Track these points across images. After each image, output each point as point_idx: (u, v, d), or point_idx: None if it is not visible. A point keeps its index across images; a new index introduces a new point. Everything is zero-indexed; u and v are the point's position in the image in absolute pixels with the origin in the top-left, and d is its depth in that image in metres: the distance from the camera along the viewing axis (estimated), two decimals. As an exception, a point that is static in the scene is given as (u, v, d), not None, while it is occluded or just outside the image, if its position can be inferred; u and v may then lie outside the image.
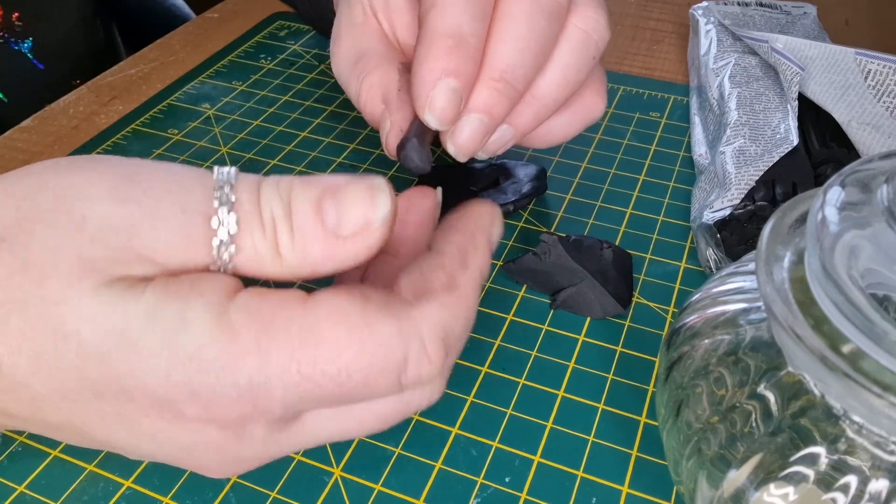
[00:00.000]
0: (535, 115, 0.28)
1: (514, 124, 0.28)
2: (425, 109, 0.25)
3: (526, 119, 0.28)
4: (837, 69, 0.36)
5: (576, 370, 0.29)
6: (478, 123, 0.26)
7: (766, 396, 0.20)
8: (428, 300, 0.19)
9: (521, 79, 0.26)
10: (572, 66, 0.27)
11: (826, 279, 0.17)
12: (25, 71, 0.49)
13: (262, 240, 0.20)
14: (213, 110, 0.44)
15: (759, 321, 0.21)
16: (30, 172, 0.21)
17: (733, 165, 0.34)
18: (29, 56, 0.49)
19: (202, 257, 0.19)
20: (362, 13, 0.30)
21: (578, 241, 0.32)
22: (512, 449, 0.27)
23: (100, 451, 0.26)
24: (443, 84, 0.24)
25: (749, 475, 0.19)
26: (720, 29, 0.44)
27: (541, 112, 0.28)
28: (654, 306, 0.32)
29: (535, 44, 0.26)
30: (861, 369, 0.16)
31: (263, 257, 0.20)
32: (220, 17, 0.54)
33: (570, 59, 0.27)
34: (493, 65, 0.25)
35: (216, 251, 0.19)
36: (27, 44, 0.49)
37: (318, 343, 0.18)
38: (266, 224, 0.20)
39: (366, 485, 0.25)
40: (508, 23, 0.25)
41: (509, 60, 0.25)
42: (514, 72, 0.25)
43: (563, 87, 0.27)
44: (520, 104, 0.27)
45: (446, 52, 0.24)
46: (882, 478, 0.18)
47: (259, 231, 0.20)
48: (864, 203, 0.18)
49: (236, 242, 0.19)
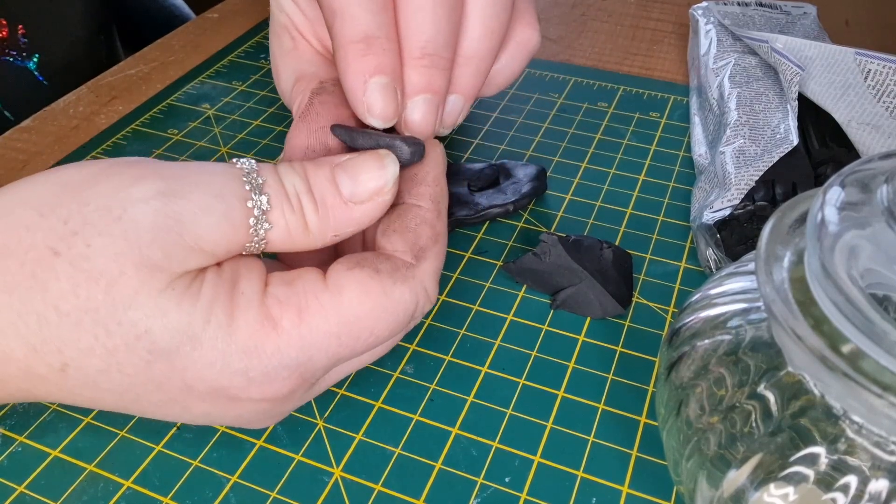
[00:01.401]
0: (475, 74, 0.27)
1: (460, 91, 0.27)
2: (366, 115, 0.25)
3: (467, 81, 0.27)
4: (837, 69, 0.36)
5: (576, 370, 0.29)
6: (423, 104, 0.25)
7: (765, 396, 0.20)
8: (425, 257, 0.23)
9: (443, 47, 0.25)
10: (490, 14, 0.27)
11: (826, 279, 0.17)
12: (30, 88, 0.49)
13: (292, 214, 0.22)
14: (213, 110, 0.44)
15: (758, 321, 0.21)
16: (56, 185, 0.21)
17: (733, 165, 0.34)
18: (35, 73, 0.49)
19: (241, 237, 0.22)
20: (290, 39, 0.31)
21: (578, 241, 0.32)
22: (512, 449, 0.27)
23: (99, 451, 0.26)
24: (372, 84, 0.24)
25: (749, 475, 0.19)
26: (720, 29, 0.44)
27: (479, 69, 0.27)
28: (654, 306, 0.32)
29: (443, 9, 0.25)
30: (861, 369, 0.16)
31: (293, 230, 0.23)
32: (220, 17, 0.54)
33: (486, 8, 0.26)
34: (411, 44, 0.25)
35: (253, 229, 0.22)
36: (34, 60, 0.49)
37: (350, 318, 0.22)
38: (292, 199, 0.22)
39: (366, 485, 0.25)
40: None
41: (424, 34, 0.25)
42: (434, 43, 0.25)
43: (488, 37, 0.27)
44: (455, 69, 0.27)
45: (362, 55, 0.24)
46: (882, 478, 0.18)
47: (288, 206, 0.22)
48: (864, 203, 0.18)
49: (269, 219, 0.22)
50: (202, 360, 0.21)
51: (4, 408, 0.28)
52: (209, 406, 0.22)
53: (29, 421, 0.27)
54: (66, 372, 0.21)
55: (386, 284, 0.22)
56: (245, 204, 0.22)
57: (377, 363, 0.29)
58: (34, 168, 0.40)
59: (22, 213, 0.21)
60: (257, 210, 0.22)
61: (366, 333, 0.22)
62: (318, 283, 0.22)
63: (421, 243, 0.24)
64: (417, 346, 0.30)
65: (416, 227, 0.24)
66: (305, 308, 0.22)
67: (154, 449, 0.26)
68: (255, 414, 0.23)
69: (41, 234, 0.21)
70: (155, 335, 0.20)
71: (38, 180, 0.22)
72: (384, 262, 0.23)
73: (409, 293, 0.23)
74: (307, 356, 0.22)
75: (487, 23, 0.27)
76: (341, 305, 0.22)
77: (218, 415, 0.23)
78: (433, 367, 0.29)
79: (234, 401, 0.22)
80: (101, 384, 0.21)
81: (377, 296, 0.22)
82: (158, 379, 0.21)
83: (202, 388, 0.21)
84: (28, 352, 0.21)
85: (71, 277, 0.20)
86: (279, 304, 0.22)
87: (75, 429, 0.27)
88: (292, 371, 0.22)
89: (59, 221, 0.21)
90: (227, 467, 0.26)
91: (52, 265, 0.20)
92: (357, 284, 0.22)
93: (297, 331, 0.21)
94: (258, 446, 0.27)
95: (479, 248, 0.35)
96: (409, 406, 0.28)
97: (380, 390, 0.28)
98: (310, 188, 0.23)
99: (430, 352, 0.30)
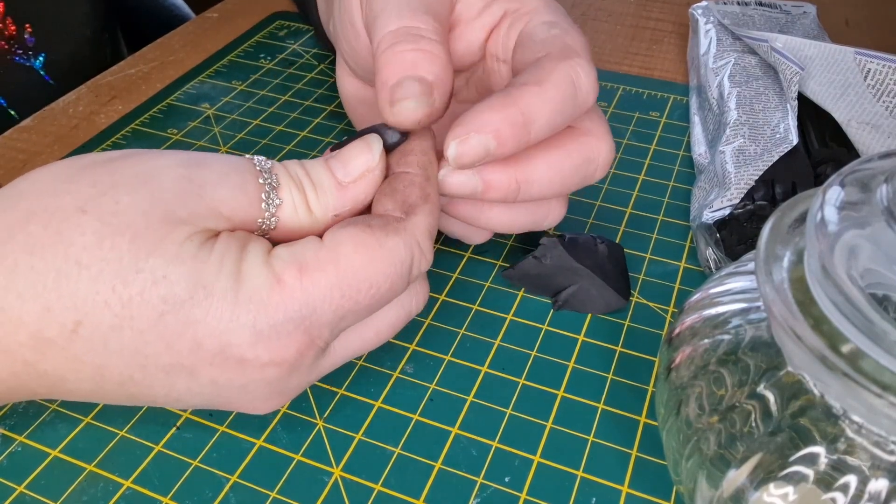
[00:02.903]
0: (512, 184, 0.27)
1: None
2: (457, 139, 0.24)
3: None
4: (837, 69, 0.36)
5: (575, 370, 0.29)
6: (483, 141, 0.25)
7: (765, 396, 0.20)
8: (415, 213, 0.24)
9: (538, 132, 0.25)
10: (567, 177, 0.27)
11: (825, 279, 0.17)
12: (36, 87, 0.49)
13: (298, 193, 0.24)
14: (213, 110, 0.44)
15: (758, 321, 0.21)
16: (79, 163, 0.23)
17: (733, 165, 0.34)
18: (41, 72, 0.49)
19: (255, 209, 0.24)
20: None
21: (574, 240, 0.32)
22: (512, 449, 0.27)
23: (99, 451, 0.26)
24: (485, 138, 0.24)
25: (749, 475, 0.19)
26: (720, 28, 0.44)
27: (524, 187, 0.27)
28: (654, 306, 0.32)
29: (559, 118, 0.26)
30: (860, 369, 0.16)
31: (299, 209, 0.24)
32: (219, 16, 0.54)
33: (568, 170, 0.27)
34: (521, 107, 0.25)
35: (265, 202, 0.24)
36: (40, 59, 0.49)
37: (349, 270, 0.23)
38: (296, 182, 0.24)
39: (366, 485, 0.25)
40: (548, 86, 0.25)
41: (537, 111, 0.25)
42: (535, 124, 0.25)
43: (548, 187, 0.27)
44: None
45: (511, 124, 0.24)
46: (882, 477, 0.18)
47: (294, 187, 0.24)
48: (864, 203, 0.18)
49: (279, 194, 0.24)
50: (213, 310, 0.22)
51: (4, 407, 0.28)
52: (217, 371, 0.22)
53: (29, 421, 0.27)
54: (77, 332, 0.21)
55: (378, 236, 0.23)
56: (257, 180, 0.24)
57: (377, 363, 0.29)
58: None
59: (49, 185, 0.22)
60: (268, 185, 0.24)
61: (366, 285, 0.23)
62: (315, 242, 0.23)
63: (410, 201, 0.25)
64: (417, 346, 0.30)
65: (403, 188, 0.25)
66: (305, 265, 0.23)
67: (154, 449, 0.26)
68: (261, 386, 0.23)
69: (69, 197, 0.22)
70: (172, 281, 0.21)
71: (62, 162, 0.24)
72: (375, 219, 0.24)
73: (402, 244, 0.23)
74: (311, 309, 0.22)
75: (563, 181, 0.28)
76: (339, 259, 0.23)
77: (224, 383, 0.23)
78: (433, 366, 0.29)
79: (241, 364, 0.22)
80: (110, 344, 0.22)
81: (372, 247, 0.23)
82: (169, 335, 0.22)
83: (211, 345, 0.22)
84: (41, 313, 0.21)
85: (97, 231, 0.21)
86: (282, 262, 0.23)
87: (75, 429, 0.27)
88: (297, 324, 0.22)
89: (87, 185, 0.22)
90: (226, 467, 0.26)
91: (80, 222, 0.21)
92: (351, 238, 0.23)
93: (300, 284, 0.22)
94: (258, 446, 0.27)
95: (478, 248, 0.35)
96: (409, 406, 0.28)
97: (380, 390, 0.28)
98: (308, 175, 0.25)
99: (429, 351, 0.30)
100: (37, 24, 0.48)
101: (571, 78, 0.25)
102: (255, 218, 0.24)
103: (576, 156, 0.27)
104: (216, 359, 0.22)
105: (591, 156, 0.27)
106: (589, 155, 0.27)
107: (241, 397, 0.24)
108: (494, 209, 0.29)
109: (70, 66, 0.51)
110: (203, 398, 0.24)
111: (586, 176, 0.28)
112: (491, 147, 0.24)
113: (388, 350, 0.30)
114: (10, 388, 0.23)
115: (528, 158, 0.26)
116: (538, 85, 0.25)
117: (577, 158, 0.27)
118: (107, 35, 0.57)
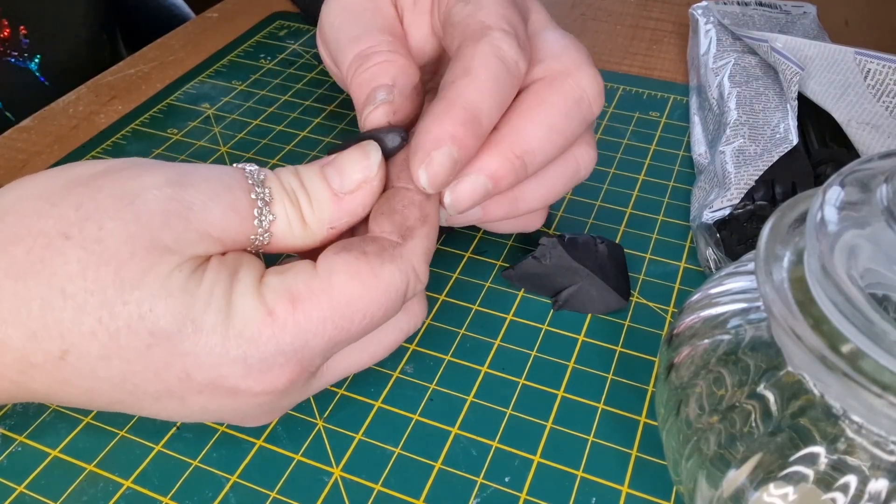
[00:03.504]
0: (509, 210, 0.28)
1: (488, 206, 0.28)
2: (421, 166, 0.24)
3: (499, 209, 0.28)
4: (837, 69, 0.36)
5: (575, 370, 0.29)
6: (481, 185, 0.25)
7: (765, 396, 0.20)
8: (413, 237, 0.24)
9: (535, 165, 0.26)
10: (559, 185, 0.28)
11: (825, 279, 0.17)
12: (32, 89, 0.49)
13: (291, 207, 0.24)
14: (213, 110, 0.44)
15: (758, 321, 0.21)
16: (65, 178, 0.22)
17: (733, 165, 0.34)
18: (37, 74, 0.49)
19: (247, 227, 0.23)
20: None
21: (574, 240, 0.32)
22: (512, 449, 0.27)
23: (99, 451, 0.26)
24: (446, 149, 0.24)
25: (749, 475, 0.19)
26: (720, 28, 0.44)
27: (515, 208, 0.28)
28: (654, 306, 0.32)
29: (560, 140, 0.26)
30: (860, 369, 0.16)
31: (293, 223, 0.24)
32: (219, 17, 0.54)
33: (561, 182, 0.28)
34: (517, 142, 0.25)
35: (258, 220, 0.23)
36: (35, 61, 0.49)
37: (342, 300, 0.22)
38: (290, 195, 0.24)
39: (366, 485, 0.25)
40: (544, 109, 0.26)
41: (535, 145, 0.25)
42: (533, 156, 0.26)
43: (551, 149, 0.27)
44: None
45: (461, 123, 0.24)
46: (882, 478, 0.18)
47: (287, 200, 0.24)
48: (864, 203, 0.18)
49: (272, 210, 0.23)
50: (202, 344, 0.21)
51: (4, 408, 0.28)
52: (206, 399, 0.22)
53: (29, 421, 0.27)
54: (65, 360, 0.21)
55: (374, 265, 0.23)
56: (249, 195, 0.23)
57: (377, 363, 0.29)
58: (34, 168, 0.40)
59: (32, 204, 0.22)
60: (260, 201, 0.23)
61: (359, 316, 0.22)
62: (308, 270, 0.23)
63: (408, 223, 0.24)
64: (417, 346, 0.30)
65: (402, 208, 0.24)
66: (297, 295, 0.22)
67: (154, 449, 0.26)
68: (252, 409, 0.23)
69: (52, 221, 0.21)
70: (158, 315, 0.21)
71: (47, 174, 0.23)
72: (371, 245, 0.23)
73: (398, 272, 0.23)
74: (303, 341, 0.22)
75: (554, 191, 0.28)
76: (332, 289, 0.22)
77: (215, 409, 0.23)
78: (433, 366, 0.29)
79: (231, 393, 0.22)
80: (99, 372, 0.21)
81: (366, 277, 0.22)
82: (157, 365, 0.21)
83: (200, 377, 0.21)
84: (27, 339, 0.21)
85: (81, 259, 0.21)
86: (273, 293, 0.22)
87: (75, 429, 0.27)
88: (289, 357, 0.22)
89: (70, 208, 0.21)
90: (226, 467, 0.26)
91: (63, 249, 0.21)
92: (345, 267, 0.22)
93: (292, 317, 0.22)
94: (258, 446, 0.27)
95: (478, 248, 0.35)
96: (409, 406, 0.28)
97: (380, 390, 0.28)
98: (303, 185, 0.24)
99: (430, 352, 0.30)
100: (32, 26, 0.48)
101: (495, 54, 0.24)
102: (248, 235, 0.23)
103: (559, 101, 0.26)
104: (206, 389, 0.22)
105: (575, 92, 0.27)
106: (571, 92, 0.27)
107: (232, 417, 0.24)
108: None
109: (67, 68, 0.51)
110: (194, 418, 0.24)
111: (582, 117, 0.27)
112: (455, 153, 0.24)
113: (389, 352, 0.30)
114: (1, 398, 0.23)
115: (516, 129, 0.26)
116: (467, 75, 0.24)
117: (562, 103, 0.27)
118: (105, 37, 0.57)
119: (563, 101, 0.26)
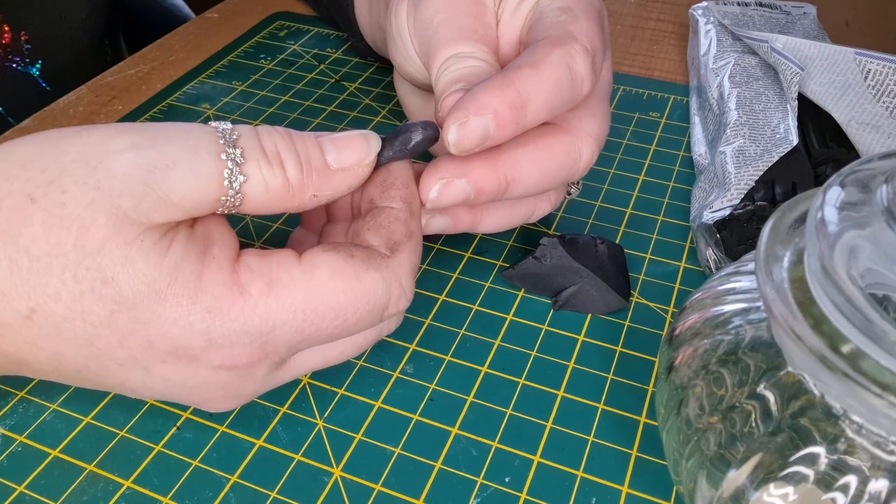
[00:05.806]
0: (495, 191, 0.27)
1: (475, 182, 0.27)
2: (456, 123, 0.24)
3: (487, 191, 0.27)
4: (837, 69, 0.36)
5: (575, 370, 0.29)
6: (465, 192, 0.26)
7: (765, 396, 0.20)
8: (400, 251, 0.24)
9: (514, 195, 0.27)
10: (552, 175, 0.28)
11: (826, 279, 0.17)
12: (33, 94, 0.49)
13: (269, 168, 0.23)
14: (213, 110, 0.44)
15: (758, 321, 0.21)
16: (39, 141, 0.22)
17: (733, 165, 0.34)
18: (38, 79, 0.49)
19: (214, 191, 0.22)
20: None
21: (574, 240, 0.32)
22: (512, 449, 0.27)
23: (99, 451, 0.26)
24: (484, 120, 0.24)
25: (749, 475, 0.19)
26: (720, 29, 0.44)
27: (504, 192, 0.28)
28: (654, 306, 0.32)
29: (543, 183, 0.27)
30: (860, 369, 0.16)
31: (271, 185, 0.23)
32: (220, 17, 0.54)
33: (552, 169, 0.28)
34: (512, 170, 0.26)
35: (227, 181, 0.22)
36: (37, 66, 0.49)
37: (318, 296, 0.22)
38: (271, 157, 0.23)
39: (366, 485, 0.25)
40: (545, 154, 0.27)
41: (524, 179, 0.26)
42: (517, 186, 0.26)
43: (533, 186, 0.27)
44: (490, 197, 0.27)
45: (509, 105, 0.24)
46: (882, 478, 0.18)
47: (264, 160, 0.23)
48: (864, 203, 0.18)
49: (244, 171, 0.22)
50: (165, 315, 0.21)
51: (4, 408, 0.28)
52: (169, 369, 0.22)
53: (29, 421, 0.27)
54: (31, 319, 0.21)
55: (359, 269, 0.23)
56: (218, 157, 0.22)
57: (377, 363, 0.29)
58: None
59: (6, 167, 0.22)
60: (231, 162, 0.22)
61: (332, 315, 0.22)
62: (291, 259, 0.23)
63: (395, 238, 0.24)
64: (417, 346, 0.30)
65: (389, 224, 0.25)
66: (276, 280, 0.22)
67: (154, 449, 0.26)
68: (213, 388, 0.23)
69: (19, 183, 0.21)
70: (120, 284, 0.21)
71: (23, 139, 0.23)
72: (360, 251, 0.23)
73: (381, 282, 0.23)
74: (270, 326, 0.22)
75: (545, 181, 0.28)
76: (311, 283, 0.22)
77: (177, 381, 0.23)
78: (433, 366, 0.29)
79: (193, 363, 0.22)
80: (64, 333, 0.21)
81: (348, 278, 0.23)
82: (122, 331, 0.21)
83: (163, 345, 0.22)
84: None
85: (44, 223, 0.21)
86: (250, 272, 0.22)
87: (75, 429, 0.27)
88: (253, 339, 0.22)
89: (36, 171, 0.21)
90: (226, 467, 0.26)
91: (27, 211, 0.21)
92: (330, 264, 0.23)
93: (265, 299, 0.22)
94: (258, 446, 0.27)
95: (478, 248, 0.35)
96: (409, 406, 0.28)
97: (380, 390, 0.28)
98: (294, 148, 0.23)
99: (430, 352, 0.30)
100: (33, 32, 0.48)
101: (567, 62, 0.25)
102: (215, 197, 0.22)
103: (560, 155, 0.27)
104: (168, 357, 0.22)
105: (575, 156, 0.28)
106: (572, 154, 0.27)
107: (194, 397, 0.24)
108: (489, 217, 0.29)
109: (68, 74, 0.51)
110: (158, 392, 0.24)
111: (570, 174, 0.28)
112: (491, 129, 0.24)
113: (388, 350, 0.30)
114: None
115: (515, 158, 0.26)
116: (534, 67, 0.25)
117: (561, 157, 0.27)
118: (107, 42, 0.57)
119: (562, 157, 0.27)
